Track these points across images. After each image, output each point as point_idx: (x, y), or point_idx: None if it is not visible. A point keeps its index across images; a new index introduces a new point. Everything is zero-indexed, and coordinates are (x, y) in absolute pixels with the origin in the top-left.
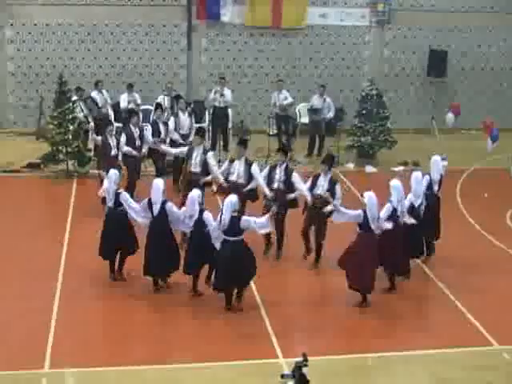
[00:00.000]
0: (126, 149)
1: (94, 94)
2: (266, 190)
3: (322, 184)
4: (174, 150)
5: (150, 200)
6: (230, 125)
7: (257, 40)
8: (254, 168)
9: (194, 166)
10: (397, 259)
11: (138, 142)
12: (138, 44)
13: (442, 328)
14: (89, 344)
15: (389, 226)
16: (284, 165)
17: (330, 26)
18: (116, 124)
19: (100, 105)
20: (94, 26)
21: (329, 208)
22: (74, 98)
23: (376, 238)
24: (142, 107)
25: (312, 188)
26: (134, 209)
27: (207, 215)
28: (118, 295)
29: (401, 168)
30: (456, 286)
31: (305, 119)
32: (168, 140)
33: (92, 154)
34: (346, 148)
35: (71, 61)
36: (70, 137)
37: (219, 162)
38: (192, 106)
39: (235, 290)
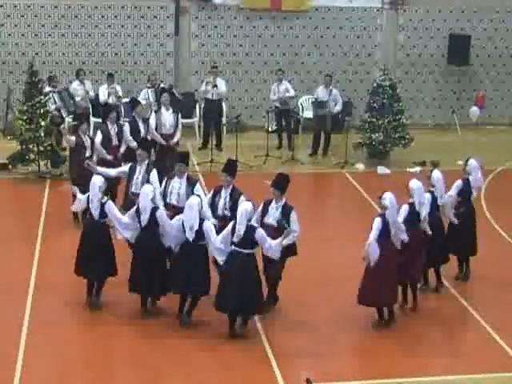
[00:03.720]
0: (100, 149)
1: (75, 84)
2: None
3: (273, 212)
4: (112, 172)
5: (138, 208)
6: (224, 120)
7: (254, 24)
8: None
9: (136, 187)
10: (414, 270)
11: (115, 141)
12: (119, 28)
13: (468, 352)
14: (63, 375)
15: (404, 237)
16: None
17: (337, 7)
18: (94, 119)
19: (79, 98)
20: (68, 8)
21: (284, 242)
22: (47, 89)
23: (395, 248)
24: (124, 100)
25: (262, 217)
26: (122, 221)
27: (209, 225)
28: (96, 317)
29: (417, 169)
30: (484, 306)
31: (308, 113)
32: (123, 148)
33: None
34: (354, 146)
35: (43, 47)
36: (42, 134)
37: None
38: (181, 99)
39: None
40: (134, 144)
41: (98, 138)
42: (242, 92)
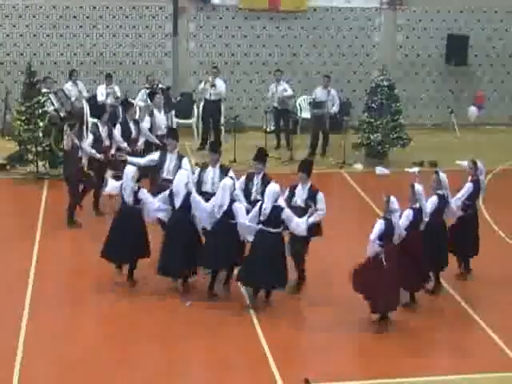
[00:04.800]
0: (90, 151)
1: (68, 85)
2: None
3: (300, 194)
4: (142, 160)
5: (171, 192)
6: (222, 120)
7: (252, 24)
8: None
9: (167, 173)
10: (416, 274)
11: (106, 142)
12: (118, 29)
13: (468, 352)
14: (63, 370)
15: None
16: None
17: (335, 7)
18: (92, 120)
19: (73, 98)
20: (66, 9)
21: (310, 219)
22: (44, 89)
23: (396, 248)
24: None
25: (289, 199)
26: (154, 205)
27: (239, 205)
28: (94, 314)
29: (416, 169)
30: (483, 306)
31: (306, 114)
32: (141, 141)
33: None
34: (353, 146)
35: (41, 48)
36: (40, 134)
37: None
38: (177, 99)
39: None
40: (124, 145)
41: (89, 139)
42: (241, 92)
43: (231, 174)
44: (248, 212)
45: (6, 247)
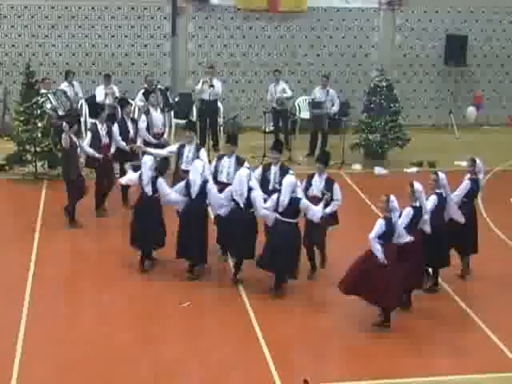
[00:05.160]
0: (89, 150)
1: (64, 86)
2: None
3: (317, 184)
4: (163, 151)
5: (188, 182)
6: (220, 121)
7: (251, 24)
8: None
9: (186, 164)
10: (414, 273)
11: (105, 141)
12: (116, 29)
13: (467, 352)
14: (62, 370)
15: (410, 238)
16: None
17: (334, 8)
18: (91, 120)
19: (70, 98)
20: (65, 9)
21: (327, 210)
22: (43, 90)
23: (395, 247)
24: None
25: (306, 189)
26: (172, 194)
27: (257, 195)
28: (93, 314)
29: (414, 169)
30: (482, 306)
31: (305, 114)
32: (139, 140)
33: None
34: (351, 147)
35: (40, 48)
36: (39, 135)
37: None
38: (174, 100)
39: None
40: (123, 144)
41: (88, 138)
42: (239, 92)
43: (246, 164)
44: (265, 201)
45: (4, 248)
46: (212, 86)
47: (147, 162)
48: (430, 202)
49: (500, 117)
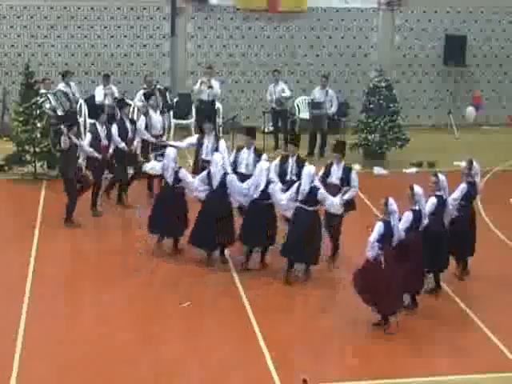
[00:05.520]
0: (88, 150)
1: (61, 86)
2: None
3: (336, 173)
4: (182, 144)
5: (209, 173)
6: (219, 121)
7: (250, 25)
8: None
9: (206, 154)
10: (415, 276)
11: (104, 142)
12: (116, 29)
13: (467, 352)
14: (62, 370)
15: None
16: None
17: (333, 8)
18: (90, 121)
19: (71, 99)
20: (64, 9)
21: (345, 197)
22: (43, 90)
23: (395, 250)
24: None
25: (326, 177)
26: (194, 184)
27: (274, 187)
28: (92, 314)
29: (414, 169)
30: (482, 306)
31: (305, 114)
32: (137, 141)
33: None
34: (351, 147)
35: (39, 48)
36: (38, 135)
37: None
38: (173, 101)
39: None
40: (122, 145)
41: (88, 138)
42: (239, 93)
43: (265, 157)
44: (285, 191)
45: (4, 247)
46: (210, 86)
47: (170, 153)
48: (430, 205)
49: (499, 117)
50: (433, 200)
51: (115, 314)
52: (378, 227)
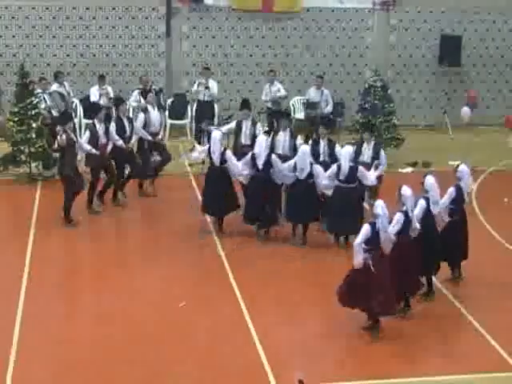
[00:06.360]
0: (87, 148)
1: (55, 87)
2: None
3: (367, 151)
4: (223, 129)
5: (253, 155)
6: (216, 121)
7: (246, 25)
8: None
9: (245, 139)
10: (409, 278)
11: (103, 140)
12: (111, 30)
13: (462, 353)
14: (58, 371)
15: (388, 250)
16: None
17: (328, 8)
18: (86, 121)
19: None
20: (59, 10)
21: (376, 173)
22: (38, 90)
23: (385, 253)
24: None
25: (357, 157)
26: (238, 165)
27: (318, 168)
28: (89, 314)
29: (409, 169)
30: (477, 307)
31: (300, 114)
32: (134, 138)
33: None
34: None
35: (34, 49)
36: (34, 135)
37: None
38: (166, 102)
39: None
40: (120, 143)
41: (86, 135)
42: (234, 93)
43: (300, 140)
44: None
45: None
46: (207, 87)
47: (216, 136)
48: (419, 208)
49: (494, 117)
50: (421, 202)
51: (113, 313)
52: (365, 230)
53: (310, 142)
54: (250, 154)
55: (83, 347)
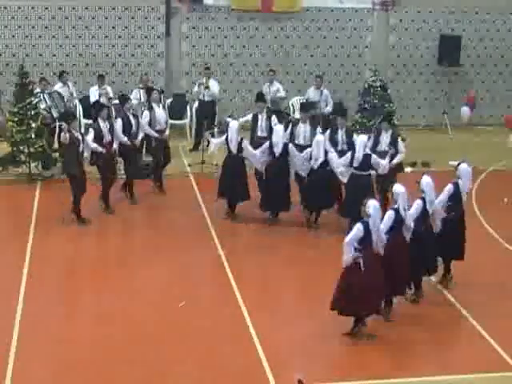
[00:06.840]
0: (92, 146)
1: (58, 87)
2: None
3: (385, 140)
4: (242, 120)
5: (271, 143)
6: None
7: (245, 25)
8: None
9: (261, 131)
10: (399, 278)
11: (108, 138)
12: (110, 30)
13: (460, 352)
14: (58, 371)
15: (381, 251)
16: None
17: (327, 8)
18: (85, 121)
19: (66, 99)
20: (59, 10)
21: (394, 161)
22: (38, 89)
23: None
24: (115, 102)
25: (375, 145)
26: (256, 154)
27: (333, 156)
28: (89, 314)
29: (408, 169)
30: (477, 307)
31: (299, 115)
32: (141, 136)
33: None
34: None
35: (33, 49)
36: (33, 135)
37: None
38: (166, 102)
39: None
40: (125, 140)
41: (91, 134)
42: (234, 93)
43: (319, 129)
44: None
45: None
46: (207, 87)
47: (233, 126)
48: (414, 207)
49: (494, 117)
50: (418, 202)
51: (113, 313)
52: (356, 229)
53: (328, 131)
54: (267, 142)
55: (83, 347)
